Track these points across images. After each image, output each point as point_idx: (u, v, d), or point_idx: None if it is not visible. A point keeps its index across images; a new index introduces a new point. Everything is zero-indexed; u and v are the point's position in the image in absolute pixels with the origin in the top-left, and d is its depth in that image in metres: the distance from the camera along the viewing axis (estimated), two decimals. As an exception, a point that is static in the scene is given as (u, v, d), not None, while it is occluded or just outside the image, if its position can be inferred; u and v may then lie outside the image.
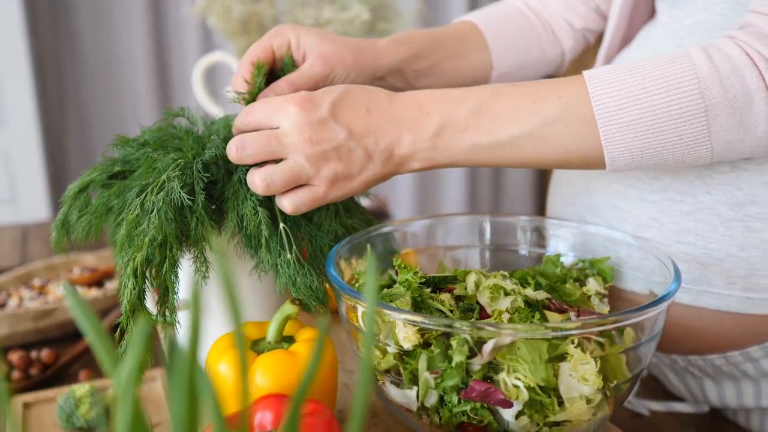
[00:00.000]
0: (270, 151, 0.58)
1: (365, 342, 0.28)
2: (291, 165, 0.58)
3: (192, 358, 0.26)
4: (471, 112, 0.58)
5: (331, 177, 0.58)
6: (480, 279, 0.59)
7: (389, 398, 0.55)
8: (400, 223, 0.69)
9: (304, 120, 0.57)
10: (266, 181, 0.58)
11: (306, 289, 0.60)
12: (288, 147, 0.57)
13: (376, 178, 0.60)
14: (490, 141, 0.58)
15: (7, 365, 0.83)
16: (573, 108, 0.56)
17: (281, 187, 0.58)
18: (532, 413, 0.50)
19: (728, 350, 0.66)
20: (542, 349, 0.49)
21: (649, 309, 0.50)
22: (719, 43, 0.56)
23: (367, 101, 0.59)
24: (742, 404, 0.72)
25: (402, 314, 0.50)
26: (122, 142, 0.65)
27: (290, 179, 0.58)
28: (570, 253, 0.67)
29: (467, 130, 0.58)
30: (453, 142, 0.58)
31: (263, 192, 0.58)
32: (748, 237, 0.62)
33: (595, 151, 0.57)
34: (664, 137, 0.55)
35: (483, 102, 0.59)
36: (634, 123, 0.55)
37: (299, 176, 0.58)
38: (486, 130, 0.58)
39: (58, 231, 0.63)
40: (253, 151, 0.58)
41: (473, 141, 0.58)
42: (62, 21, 2.45)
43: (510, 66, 0.82)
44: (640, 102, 0.55)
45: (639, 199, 0.67)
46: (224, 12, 1.34)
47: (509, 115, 0.58)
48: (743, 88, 0.53)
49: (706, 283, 0.64)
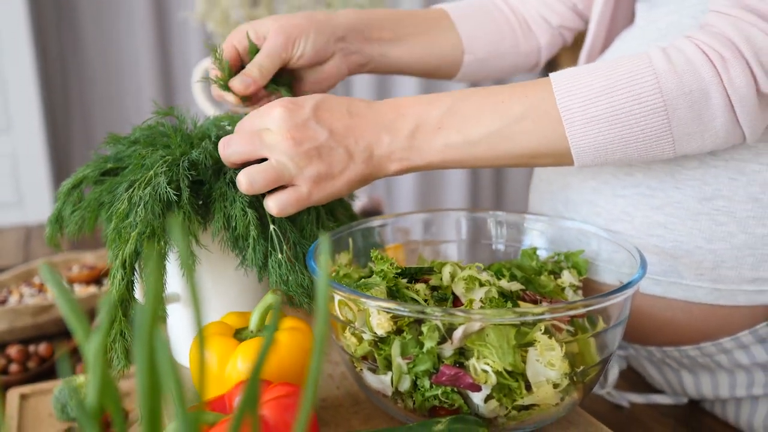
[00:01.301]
0: (252, 149, 0.60)
1: (319, 315, 0.30)
2: (273, 164, 0.60)
3: (150, 338, 0.28)
4: (443, 113, 0.61)
5: (314, 177, 0.60)
6: (455, 270, 0.61)
7: (367, 385, 0.57)
8: (382, 219, 0.71)
9: (287, 120, 0.59)
10: (249, 178, 0.60)
11: (298, 287, 0.62)
12: (270, 146, 0.60)
13: (358, 179, 0.62)
14: (461, 140, 0.61)
15: (6, 358, 0.85)
16: (539, 107, 0.59)
17: (263, 185, 0.60)
18: (501, 397, 0.52)
19: (700, 341, 0.68)
20: (510, 335, 0.51)
21: (614, 295, 0.52)
22: (677, 43, 0.58)
23: (348, 105, 0.62)
24: (718, 395, 0.73)
25: (375, 302, 0.52)
26: (114, 140, 0.67)
27: (272, 178, 0.60)
28: (546, 247, 0.69)
29: (440, 131, 0.61)
30: (427, 142, 0.61)
31: (246, 190, 0.60)
32: (716, 230, 0.64)
33: (563, 148, 0.59)
34: (627, 132, 0.58)
35: (454, 103, 0.61)
36: (597, 119, 0.58)
37: (281, 175, 0.60)
38: (457, 129, 0.61)
39: (52, 226, 0.66)
40: (236, 149, 0.60)
41: (446, 141, 0.61)
42: (67, 26, 2.49)
43: (484, 52, 0.85)
44: (602, 99, 0.57)
45: (612, 195, 0.69)
46: (223, 17, 1.37)
47: (478, 115, 0.61)
48: (699, 83, 0.56)
49: (676, 275, 0.66)
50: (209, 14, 1.38)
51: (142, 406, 0.28)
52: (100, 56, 2.52)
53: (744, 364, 0.69)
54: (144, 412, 0.28)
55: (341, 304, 0.55)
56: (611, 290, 0.52)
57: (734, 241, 0.63)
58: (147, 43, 2.52)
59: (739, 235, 0.63)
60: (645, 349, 0.74)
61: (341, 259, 0.66)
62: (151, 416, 0.28)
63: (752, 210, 0.63)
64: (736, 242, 0.63)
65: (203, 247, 0.63)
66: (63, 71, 2.51)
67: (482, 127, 0.60)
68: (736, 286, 0.65)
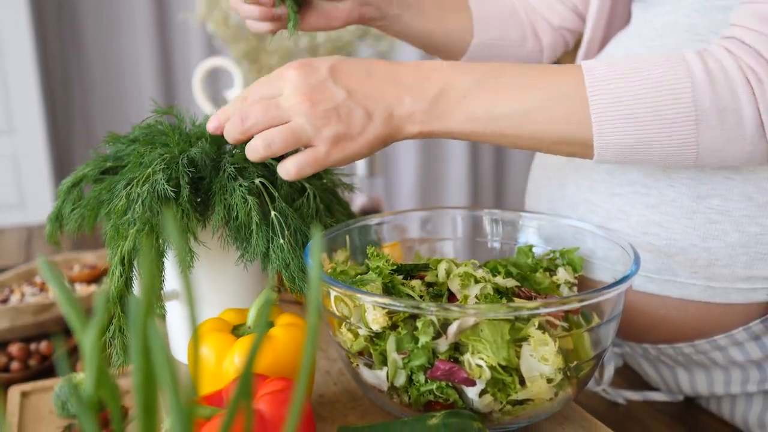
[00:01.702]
0: (271, 117, 0.59)
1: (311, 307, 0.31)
2: (291, 126, 0.59)
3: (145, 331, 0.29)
4: (471, 83, 0.59)
5: (332, 138, 0.59)
6: (451, 267, 0.61)
7: (363, 380, 0.58)
8: (379, 217, 0.72)
9: (303, 82, 0.59)
10: (266, 141, 0.59)
11: (298, 272, 0.62)
12: (288, 110, 0.59)
13: (377, 140, 0.60)
14: (485, 114, 0.59)
15: (8, 356, 0.86)
16: (569, 94, 0.58)
17: (281, 147, 0.60)
18: (495, 391, 0.52)
19: (695, 339, 0.69)
20: (504, 330, 0.52)
21: (608, 290, 0.52)
22: (714, 51, 0.57)
23: (367, 66, 0.61)
24: (713, 392, 0.74)
25: (371, 297, 0.53)
26: (113, 139, 0.68)
27: (290, 139, 0.59)
28: (541, 245, 0.70)
29: (465, 100, 0.59)
30: (450, 109, 0.59)
31: (264, 153, 0.60)
32: (710, 228, 0.64)
33: (586, 140, 0.58)
34: (654, 134, 0.56)
35: (484, 76, 0.60)
36: (626, 118, 0.56)
37: (299, 136, 0.59)
38: (483, 102, 0.59)
39: (52, 223, 0.66)
40: (255, 120, 0.60)
41: (470, 111, 0.59)
42: (68, 28, 2.50)
43: (491, 38, 0.85)
44: (635, 99, 0.56)
45: (608, 193, 0.69)
46: (223, 18, 1.38)
47: (507, 91, 0.59)
48: (734, 102, 0.54)
49: (671, 273, 0.66)
50: (209, 15, 1.39)
51: (138, 400, 0.29)
52: (101, 58, 2.53)
53: (738, 361, 0.69)
54: (139, 405, 0.29)
55: (337, 299, 0.56)
56: (605, 285, 0.53)
57: (728, 239, 0.64)
58: (148, 45, 2.53)
59: (733, 233, 0.64)
60: (640, 347, 0.74)
61: (338, 256, 0.66)
62: (147, 410, 0.29)
63: (746, 209, 0.63)
64: (730, 240, 0.64)
65: (202, 244, 0.64)
66: (64, 73, 2.52)
67: (509, 104, 0.59)
68: (730, 284, 0.65)
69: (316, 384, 0.67)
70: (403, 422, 0.51)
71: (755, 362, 0.69)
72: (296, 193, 0.65)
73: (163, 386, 0.27)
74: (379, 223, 0.71)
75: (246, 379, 0.33)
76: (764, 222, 0.63)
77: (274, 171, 0.64)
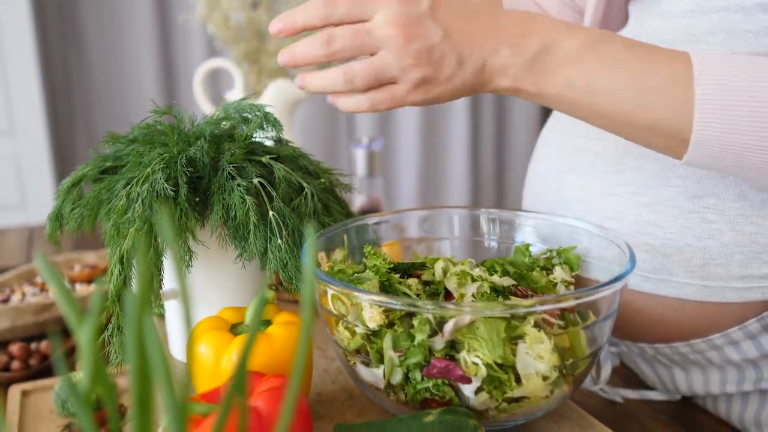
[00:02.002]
0: (360, 43, 0.56)
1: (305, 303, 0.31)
2: (375, 62, 0.56)
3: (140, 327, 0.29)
4: (578, 48, 0.56)
5: (418, 80, 0.56)
6: (448, 266, 0.62)
7: (361, 378, 0.58)
8: (377, 216, 0.72)
9: (401, 11, 0.55)
10: (348, 76, 0.56)
11: (296, 271, 0.62)
12: (379, 40, 0.55)
13: (463, 87, 0.57)
14: (585, 84, 0.56)
15: (8, 356, 0.87)
16: (675, 80, 0.55)
17: (362, 84, 0.57)
18: (491, 389, 0.52)
19: (691, 338, 0.69)
20: (500, 328, 0.52)
21: (603, 288, 0.53)
22: None
23: (469, 7, 0.57)
24: (709, 391, 0.74)
25: (367, 295, 0.53)
26: (113, 138, 0.68)
27: (372, 78, 0.56)
28: (538, 244, 0.70)
29: (566, 65, 0.56)
30: (548, 71, 0.56)
31: (343, 87, 0.57)
32: (705, 228, 0.64)
33: (682, 133, 0.55)
34: (756, 139, 0.53)
35: (593, 42, 0.56)
36: (732, 118, 0.53)
37: (382, 74, 0.56)
38: (584, 70, 0.56)
39: (52, 223, 0.67)
40: (342, 44, 0.56)
41: (568, 77, 0.56)
42: (69, 29, 2.51)
43: None
44: (744, 94, 0.53)
45: (603, 193, 0.70)
46: (223, 20, 1.38)
47: (611, 64, 0.56)
48: None
49: (666, 272, 0.66)
50: (210, 17, 1.39)
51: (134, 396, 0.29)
52: (103, 59, 2.54)
53: (734, 360, 0.70)
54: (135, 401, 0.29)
55: (334, 298, 0.56)
56: (600, 284, 0.53)
57: (723, 238, 0.64)
58: (149, 47, 2.54)
59: (728, 232, 0.64)
60: (636, 346, 0.75)
61: (336, 255, 0.66)
62: (142, 406, 0.29)
63: (741, 208, 0.64)
64: (725, 239, 0.64)
65: (201, 243, 0.64)
66: (65, 74, 2.53)
67: (611, 79, 0.55)
68: (725, 284, 0.65)
69: (314, 383, 0.67)
70: (400, 420, 0.52)
71: (751, 361, 0.69)
72: (294, 192, 0.65)
73: (159, 383, 0.28)
74: (377, 222, 0.72)
75: (240, 374, 0.33)
76: (759, 221, 0.63)
77: (272, 171, 0.65)
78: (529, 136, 3.12)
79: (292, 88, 1.40)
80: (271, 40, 1.39)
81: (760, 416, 0.71)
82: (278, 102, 1.40)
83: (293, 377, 0.33)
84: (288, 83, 1.39)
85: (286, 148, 0.70)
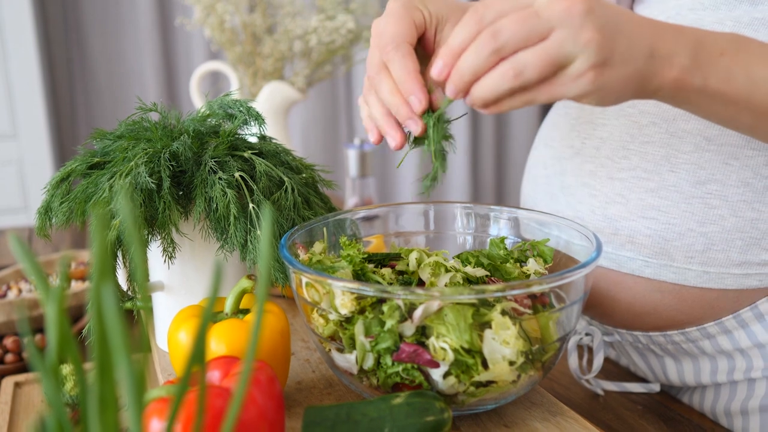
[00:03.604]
0: (530, 28, 0.50)
1: (261, 276, 0.33)
2: (547, 46, 0.50)
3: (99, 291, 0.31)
4: (726, 42, 0.55)
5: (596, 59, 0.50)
6: (422, 257, 0.64)
7: (336, 365, 0.60)
8: (355, 211, 0.74)
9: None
10: (517, 67, 0.50)
11: (274, 261, 0.64)
12: (552, 19, 0.50)
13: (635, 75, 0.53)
14: (744, 76, 0.55)
15: (3, 349, 0.89)
16: None
17: (535, 75, 0.51)
18: (459, 373, 0.54)
19: (686, 326, 0.70)
20: (467, 314, 0.54)
21: (569, 274, 0.54)
22: None
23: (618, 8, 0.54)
24: (700, 382, 0.75)
25: (339, 282, 0.55)
26: (100, 135, 0.71)
27: (547, 64, 0.50)
28: (512, 237, 0.72)
29: (723, 57, 0.55)
30: (709, 63, 0.54)
31: (512, 84, 0.51)
32: (708, 213, 0.66)
33: None
34: None
35: (737, 37, 0.56)
36: None
37: (558, 59, 0.50)
38: (742, 62, 0.55)
39: (41, 216, 0.69)
40: (510, 34, 0.50)
41: (729, 69, 0.55)
42: (73, 34, 2.54)
43: None
44: None
45: (608, 177, 0.71)
46: (218, 23, 1.41)
47: (763, 56, 0.55)
48: None
49: (667, 257, 0.68)
50: (206, 20, 1.42)
51: (95, 359, 0.31)
52: (105, 63, 2.57)
53: (726, 349, 0.71)
54: (96, 364, 0.31)
55: (308, 286, 0.58)
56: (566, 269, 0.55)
57: (725, 224, 0.65)
58: (151, 50, 2.57)
59: (730, 218, 0.65)
60: (631, 335, 0.76)
61: (316, 248, 0.68)
62: (102, 368, 0.31)
63: (743, 194, 0.65)
64: (727, 225, 0.65)
65: (184, 236, 0.66)
66: (68, 78, 2.57)
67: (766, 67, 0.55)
68: (725, 270, 0.67)
69: (295, 372, 0.69)
70: (369, 402, 0.54)
71: (742, 350, 0.71)
72: (275, 186, 0.67)
73: (113, 345, 0.30)
74: (356, 217, 0.73)
75: (200, 343, 0.35)
76: (760, 207, 0.65)
77: (254, 165, 0.67)
78: (529, 138, 3.14)
79: (286, 89, 1.42)
80: (265, 44, 1.42)
81: (747, 405, 0.72)
82: (273, 103, 1.43)
83: (248, 354, 0.35)
84: (282, 85, 1.42)
85: (269, 144, 0.72)
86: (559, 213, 0.76)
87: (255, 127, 0.71)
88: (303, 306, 0.61)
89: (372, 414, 0.52)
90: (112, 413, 0.32)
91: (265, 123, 0.70)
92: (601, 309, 0.75)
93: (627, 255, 0.70)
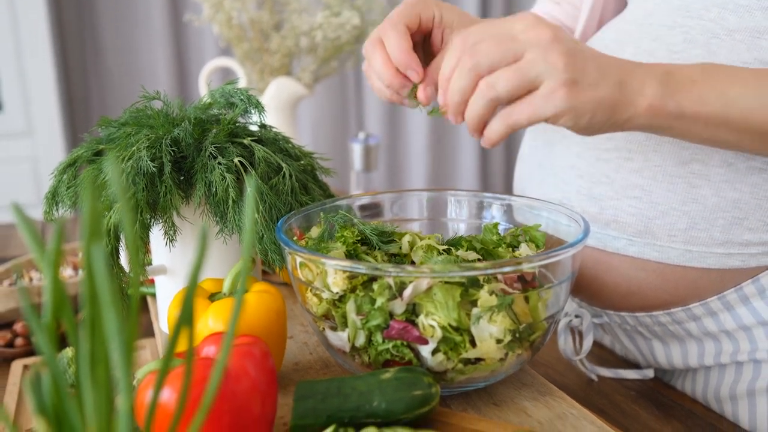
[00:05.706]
0: (505, 49, 0.55)
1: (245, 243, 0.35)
2: (521, 63, 0.55)
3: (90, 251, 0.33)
4: (695, 71, 0.58)
5: (564, 80, 0.54)
6: (415, 240, 0.65)
7: (330, 343, 0.62)
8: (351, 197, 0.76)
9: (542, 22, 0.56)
10: (490, 81, 0.55)
11: (271, 243, 0.66)
12: (526, 43, 0.55)
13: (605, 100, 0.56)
14: (717, 97, 0.57)
15: (13, 333, 0.91)
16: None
17: (506, 87, 0.55)
18: (447, 350, 0.56)
19: (671, 306, 0.72)
20: (455, 293, 0.55)
21: (556, 253, 0.56)
22: None
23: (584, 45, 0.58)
24: (687, 364, 0.76)
25: (331, 261, 0.57)
26: (105, 122, 0.73)
27: (516, 79, 0.55)
28: (504, 223, 0.73)
29: (695, 84, 0.57)
30: (681, 89, 0.57)
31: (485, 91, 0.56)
32: (690, 192, 0.67)
33: None
34: None
35: (705, 66, 0.59)
36: None
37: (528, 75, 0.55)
38: (715, 87, 0.57)
39: (48, 202, 0.71)
40: (485, 52, 0.56)
41: (701, 94, 0.57)
42: (87, 32, 2.58)
43: None
44: None
45: (594, 159, 0.72)
46: (226, 20, 1.43)
47: (736, 78, 0.58)
48: None
49: (650, 236, 0.69)
50: (214, 17, 1.44)
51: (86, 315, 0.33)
52: (119, 60, 2.61)
53: (712, 331, 0.72)
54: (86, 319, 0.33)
55: (302, 265, 0.60)
56: (553, 248, 0.56)
57: (707, 203, 0.66)
58: (163, 47, 2.61)
59: (712, 198, 0.66)
60: (618, 316, 0.77)
61: (313, 232, 0.70)
62: (93, 323, 0.33)
63: (725, 174, 0.66)
64: (709, 204, 0.66)
65: (185, 219, 0.68)
66: (83, 76, 2.61)
67: (739, 87, 0.57)
68: (707, 249, 0.68)
69: (293, 353, 0.71)
70: (358, 377, 0.55)
71: (728, 333, 0.72)
72: (273, 172, 0.69)
73: (102, 301, 0.32)
74: (352, 203, 0.75)
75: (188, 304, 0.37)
76: (742, 188, 0.66)
77: (253, 152, 0.69)
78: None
79: (293, 85, 1.44)
80: (272, 40, 1.44)
81: (735, 389, 0.73)
82: (280, 99, 1.45)
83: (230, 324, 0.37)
84: (289, 80, 1.44)
85: (269, 132, 0.73)
86: (547, 195, 0.77)
87: (255, 115, 0.73)
88: (299, 287, 0.63)
89: (361, 388, 0.53)
90: (104, 370, 0.34)
91: (264, 111, 0.72)
92: (589, 290, 0.76)
93: (612, 234, 0.71)
